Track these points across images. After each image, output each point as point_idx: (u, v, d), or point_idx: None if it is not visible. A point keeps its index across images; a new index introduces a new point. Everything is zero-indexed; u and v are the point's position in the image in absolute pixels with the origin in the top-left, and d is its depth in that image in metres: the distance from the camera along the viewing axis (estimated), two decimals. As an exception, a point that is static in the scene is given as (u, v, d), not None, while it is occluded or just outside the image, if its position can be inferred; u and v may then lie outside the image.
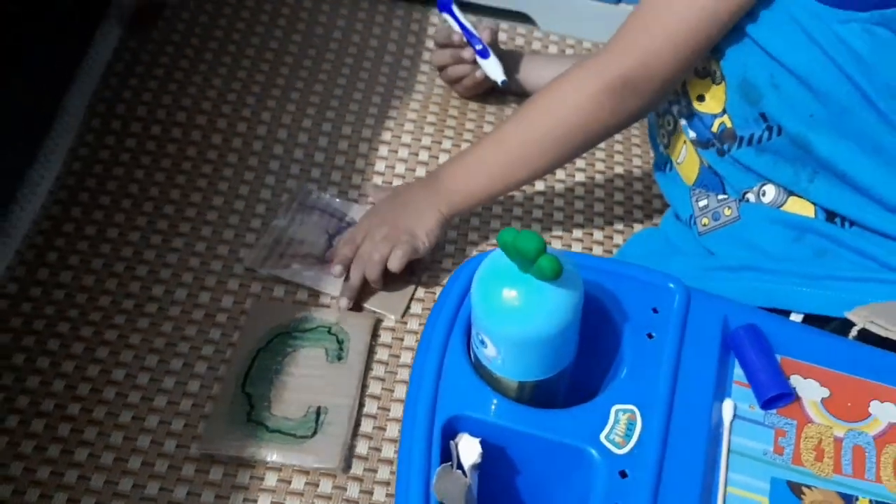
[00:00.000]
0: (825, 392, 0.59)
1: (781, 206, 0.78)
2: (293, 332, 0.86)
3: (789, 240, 0.77)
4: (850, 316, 0.67)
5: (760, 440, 0.56)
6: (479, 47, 1.01)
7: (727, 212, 0.80)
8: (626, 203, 1.01)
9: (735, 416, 0.57)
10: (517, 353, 0.53)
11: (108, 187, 0.96)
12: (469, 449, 0.53)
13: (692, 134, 0.83)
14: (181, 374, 0.82)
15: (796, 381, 0.59)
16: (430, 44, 1.13)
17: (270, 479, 0.76)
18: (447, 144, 1.03)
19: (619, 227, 0.98)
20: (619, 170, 1.04)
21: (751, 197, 0.79)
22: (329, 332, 0.86)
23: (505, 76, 1.01)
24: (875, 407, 0.58)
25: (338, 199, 0.97)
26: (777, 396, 0.57)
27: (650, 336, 0.59)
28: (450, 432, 0.54)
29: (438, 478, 0.51)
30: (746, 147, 0.78)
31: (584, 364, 0.58)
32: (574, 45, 1.18)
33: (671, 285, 0.61)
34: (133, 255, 0.91)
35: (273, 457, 0.77)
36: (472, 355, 0.57)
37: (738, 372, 0.59)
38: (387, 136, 1.03)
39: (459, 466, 0.53)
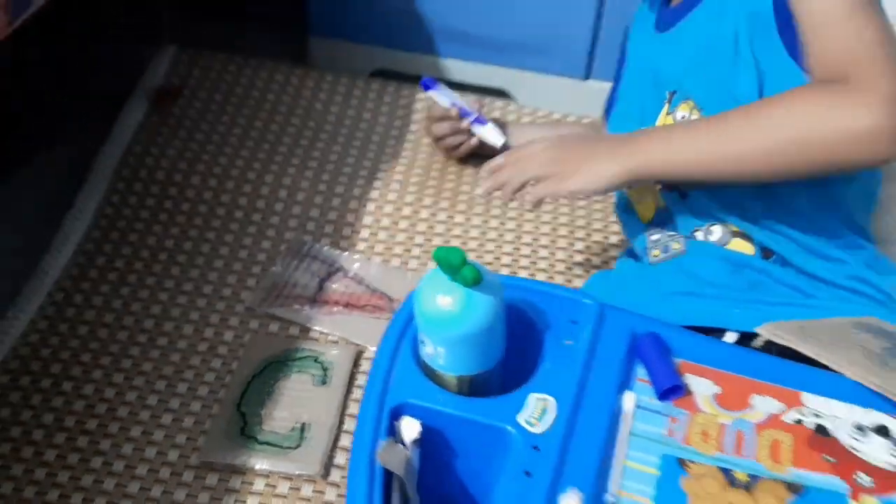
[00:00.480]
0: (717, 389, 0.69)
1: (725, 245, 0.89)
2: (285, 361, 0.98)
3: (727, 272, 0.87)
4: (758, 330, 0.77)
5: (656, 425, 0.67)
6: (474, 117, 1.13)
7: (675, 246, 0.91)
8: (585, 251, 1.13)
9: (636, 406, 0.67)
10: (449, 349, 0.65)
11: (129, 239, 1.10)
12: (410, 427, 0.64)
13: None
14: (185, 397, 0.94)
15: (692, 379, 0.70)
16: (416, 116, 1.28)
17: (259, 485, 0.87)
18: (427, 201, 1.16)
19: (579, 271, 1.10)
20: (580, 222, 1.16)
21: (699, 235, 0.90)
22: (316, 360, 0.98)
23: (504, 138, 1.12)
24: (757, 400, 0.69)
25: (327, 248, 1.10)
26: (672, 390, 0.68)
27: (568, 342, 0.70)
28: (396, 416, 0.65)
29: (382, 449, 0.62)
30: (707, 189, 0.88)
31: (513, 365, 0.70)
32: (544, 115, 1.32)
33: (587, 301, 0.73)
34: (149, 296, 1.04)
35: (262, 465, 0.88)
36: (419, 356, 0.69)
37: (642, 372, 0.70)
38: (374, 194, 1.17)
39: (403, 442, 0.64)
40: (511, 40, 1.39)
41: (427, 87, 1.18)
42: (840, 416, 0.68)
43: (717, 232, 0.88)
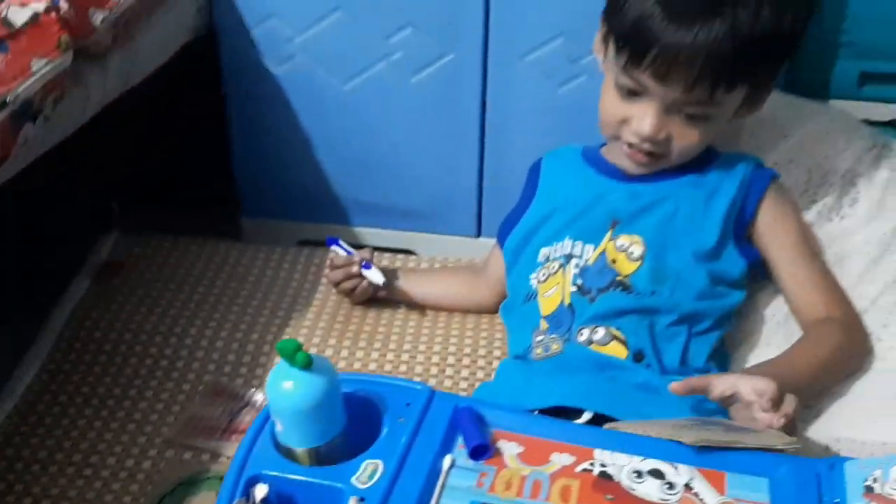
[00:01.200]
0: (521, 448, 0.83)
1: (605, 344, 1.05)
2: (194, 482, 1.11)
3: (593, 370, 1.03)
4: (604, 426, 0.91)
5: (468, 480, 0.80)
6: (363, 263, 1.34)
7: (555, 346, 1.07)
8: (469, 376, 1.28)
9: (453, 465, 0.81)
10: (291, 424, 0.80)
11: (66, 390, 1.26)
12: (260, 490, 0.78)
13: (580, 281, 1.10)
14: (104, 517, 1.07)
15: (503, 443, 0.84)
16: (325, 272, 1.48)
17: (162, 585, 0.98)
18: (332, 341, 1.33)
19: (464, 385, 1.25)
20: (467, 350, 1.32)
21: (584, 332, 1.05)
22: (220, 479, 1.10)
23: (384, 278, 1.32)
24: (555, 456, 0.83)
25: (240, 386, 1.25)
26: (481, 450, 0.82)
27: (401, 420, 0.85)
28: (253, 485, 0.79)
29: (233, 507, 0.76)
30: (614, 293, 1.07)
31: (357, 441, 0.84)
32: (440, 263, 1.52)
33: (419, 388, 0.88)
34: (78, 435, 1.18)
35: (165, 567, 1.00)
36: (274, 437, 0.83)
37: (462, 440, 0.84)
38: (285, 336, 1.34)
39: (254, 502, 0.78)
40: (412, 209, 1.61)
41: (330, 244, 1.38)
42: (623, 465, 0.82)
43: (600, 332, 1.05)
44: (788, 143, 1.25)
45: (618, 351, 1.04)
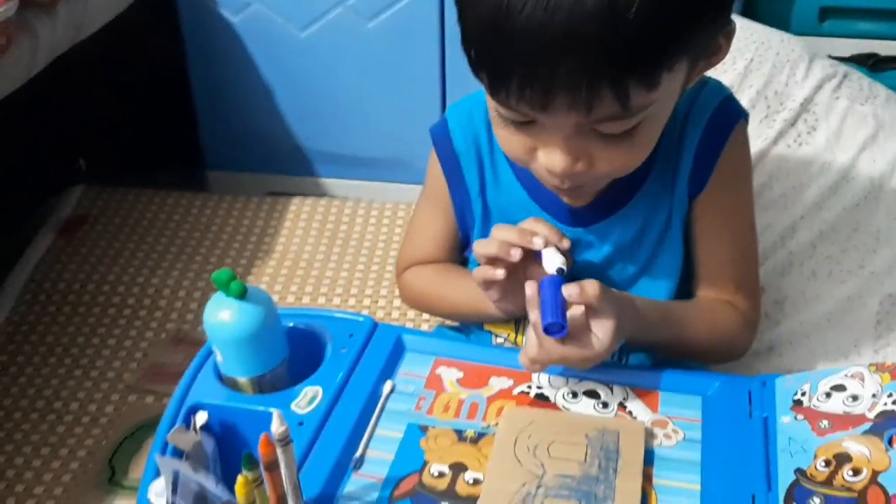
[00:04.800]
0: (461, 374, 0.84)
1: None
2: (155, 424, 1.12)
3: None
4: None
5: (407, 403, 0.81)
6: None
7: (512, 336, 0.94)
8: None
9: (393, 390, 0.83)
10: (230, 354, 0.81)
11: (30, 339, 1.27)
12: (200, 417, 0.79)
13: None
14: (66, 459, 1.09)
15: (443, 370, 0.85)
16: (287, 223, 1.48)
17: (122, 521, 1.01)
18: (294, 288, 1.34)
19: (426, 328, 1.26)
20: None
21: None
22: (182, 420, 1.13)
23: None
24: (494, 380, 0.84)
25: (203, 329, 1.26)
26: (557, 327, 0.80)
27: (343, 350, 0.86)
28: (193, 413, 0.81)
29: (173, 432, 0.77)
30: None
31: (301, 372, 0.85)
32: (404, 210, 1.52)
33: (361, 319, 0.89)
34: (43, 382, 1.20)
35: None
36: (217, 368, 0.85)
37: (405, 366, 0.85)
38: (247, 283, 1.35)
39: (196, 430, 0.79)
40: (376, 158, 1.61)
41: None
42: (559, 386, 0.83)
43: None
44: (746, 65, 1.23)
45: None
